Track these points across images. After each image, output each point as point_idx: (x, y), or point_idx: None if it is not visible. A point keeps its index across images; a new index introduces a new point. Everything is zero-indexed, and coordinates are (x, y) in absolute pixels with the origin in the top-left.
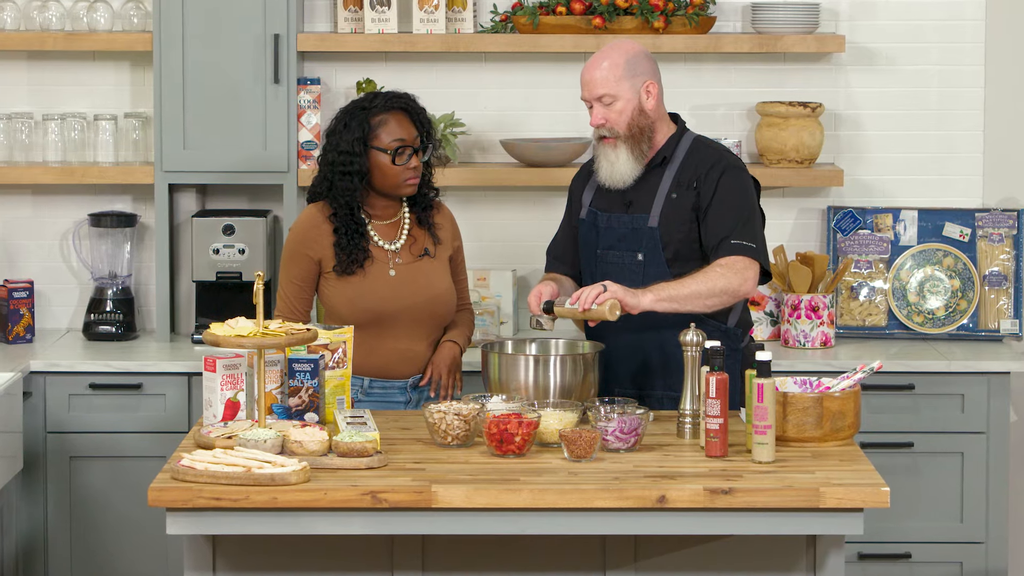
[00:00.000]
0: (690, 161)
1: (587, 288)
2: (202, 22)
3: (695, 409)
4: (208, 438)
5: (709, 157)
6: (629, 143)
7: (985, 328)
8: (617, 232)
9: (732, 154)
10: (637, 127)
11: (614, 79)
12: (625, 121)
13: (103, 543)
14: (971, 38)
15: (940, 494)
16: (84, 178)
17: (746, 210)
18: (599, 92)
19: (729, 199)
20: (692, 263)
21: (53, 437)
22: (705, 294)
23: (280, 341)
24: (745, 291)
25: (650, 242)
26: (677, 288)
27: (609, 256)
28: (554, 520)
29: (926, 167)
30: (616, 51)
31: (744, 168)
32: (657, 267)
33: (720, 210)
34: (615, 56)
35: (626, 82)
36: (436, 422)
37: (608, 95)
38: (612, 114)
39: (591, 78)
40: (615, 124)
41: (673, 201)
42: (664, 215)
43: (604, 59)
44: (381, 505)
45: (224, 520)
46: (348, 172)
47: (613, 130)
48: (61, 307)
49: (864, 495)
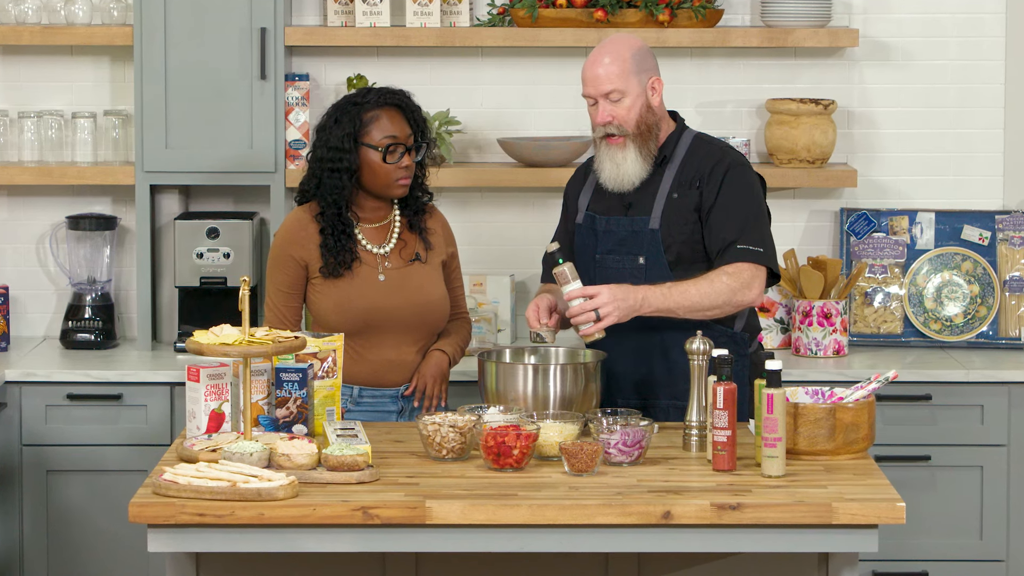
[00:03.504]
0: (691, 159)
1: (580, 305)
2: (185, 15)
3: (702, 420)
4: (191, 451)
5: (711, 155)
6: (637, 142)
7: (1005, 336)
8: (616, 235)
9: (735, 151)
10: (645, 124)
11: (622, 74)
12: (634, 118)
13: (81, 561)
14: (991, 32)
15: (958, 510)
16: (62, 179)
17: (752, 210)
18: (606, 88)
19: (734, 199)
20: (696, 265)
21: (29, 450)
22: (707, 306)
23: (267, 349)
24: (750, 301)
25: (651, 245)
26: (678, 298)
27: (608, 260)
28: (554, 537)
29: (944, 167)
30: (620, 45)
31: (748, 165)
32: (659, 270)
33: (725, 211)
34: (620, 50)
35: (633, 77)
36: (430, 435)
37: (616, 91)
38: (620, 111)
39: (596, 74)
40: (623, 121)
41: (674, 202)
42: (665, 216)
43: (607, 53)
44: (373, 521)
45: (208, 537)
46: (337, 169)
47: (621, 128)
48: (37, 314)
49: (879, 511)
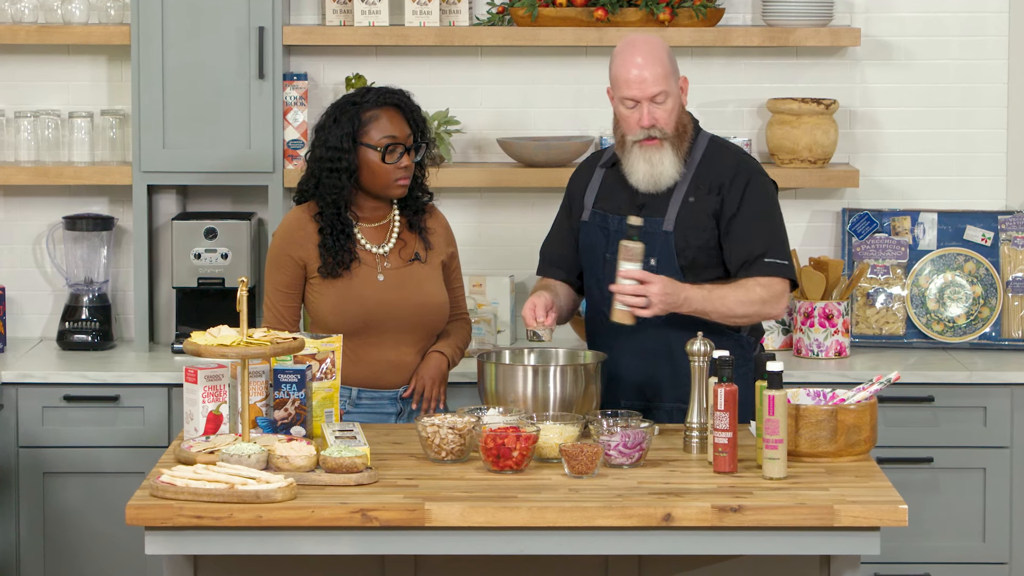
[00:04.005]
0: (708, 163)
1: (632, 287)
2: (183, 14)
3: (703, 422)
4: (189, 453)
5: (730, 161)
6: (674, 143)
7: (1008, 337)
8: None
9: (751, 157)
10: (681, 125)
11: (665, 75)
12: (674, 120)
13: (78, 564)
14: (994, 31)
15: (961, 512)
16: (58, 179)
17: (776, 223)
18: (653, 90)
19: (758, 211)
20: (708, 271)
21: (26, 452)
22: (739, 314)
23: (265, 351)
24: (777, 315)
25: (664, 247)
26: (716, 302)
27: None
28: (554, 539)
29: (946, 167)
30: (656, 46)
31: (765, 173)
32: (670, 273)
33: (750, 223)
34: (658, 51)
35: (672, 78)
36: (429, 436)
37: (663, 92)
38: (662, 113)
39: (643, 76)
40: (665, 124)
41: (690, 205)
42: (681, 220)
43: (646, 55)
44: (371, 524)
45: (206, 539)
46: (336, 169)
47: (663, 131)
48: (34, 315)
49: (881, 513)
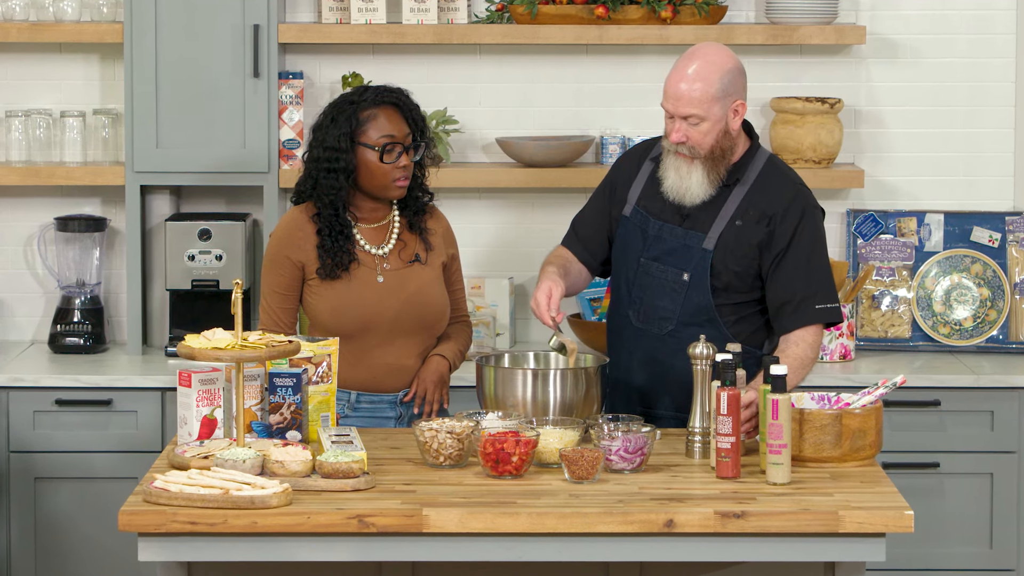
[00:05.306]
0: (761, 188)
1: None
2: (177, 12)
3: (705, 427)
4: (183, 458)
5: (785, 191)
6: (707, 164)
7: (1016, 340)
8: (667, 244)
9: (805, 187)
10: (720, 149)
11: (706, 100)
12: (709, 144)
13: (70, 570)
14: (1001, 29)
15: (968, 518)
16: (50, 179)
17: (825, 264)
18: (685, 111)
19: (809, 251)
20: (739, 295)
21: (17, 457)
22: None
23: (260, 354)
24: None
25: (700, 264)
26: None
27: (652, 268)
28: (554, 546)
29: (953, 167)
30: (711, 65)
31: (818, 205)
32: (701, 292)
33: (801, 264)
34: (710, 71)
35: (717, 104)
36: (427, 441)
37: (695, 116)
38: (696, 134)
39: (680, 93)
40: (697, 145)
41: (737, 229)
42: (723, 241)
43: (696, 72)
44: (368, 530)
45: (200, 546)
46: (333, 169)
47: (694, 150)
48: (25, 317)
49: (886, 519)
